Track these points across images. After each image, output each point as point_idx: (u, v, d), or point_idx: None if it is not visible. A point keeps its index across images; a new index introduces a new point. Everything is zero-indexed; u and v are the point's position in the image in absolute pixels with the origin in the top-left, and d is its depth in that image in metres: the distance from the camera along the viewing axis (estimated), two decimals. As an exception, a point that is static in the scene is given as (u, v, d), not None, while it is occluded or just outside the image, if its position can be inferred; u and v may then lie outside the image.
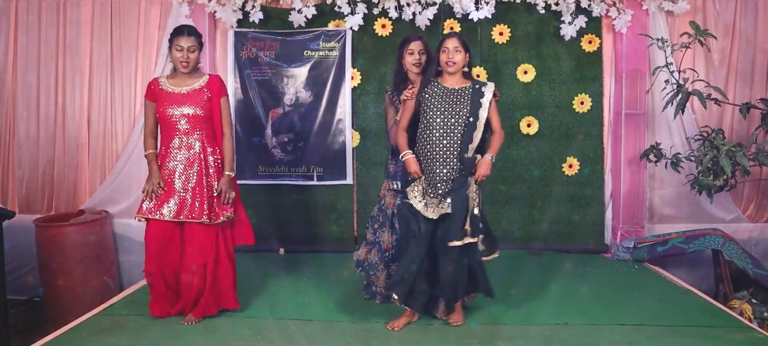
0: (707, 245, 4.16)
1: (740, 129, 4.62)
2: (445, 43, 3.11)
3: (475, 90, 3.10)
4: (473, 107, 3.06)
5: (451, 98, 3.07)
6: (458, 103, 3.06)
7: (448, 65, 3.08)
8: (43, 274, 4.24)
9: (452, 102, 3.06)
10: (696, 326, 3.14)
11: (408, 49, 3.33)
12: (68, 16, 4.67)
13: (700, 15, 4.62)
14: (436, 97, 3.08)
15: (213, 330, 3.12)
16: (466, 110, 3.05)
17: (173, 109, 3.20)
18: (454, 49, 3.07)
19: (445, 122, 3.04)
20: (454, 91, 3.09)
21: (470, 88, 3.10)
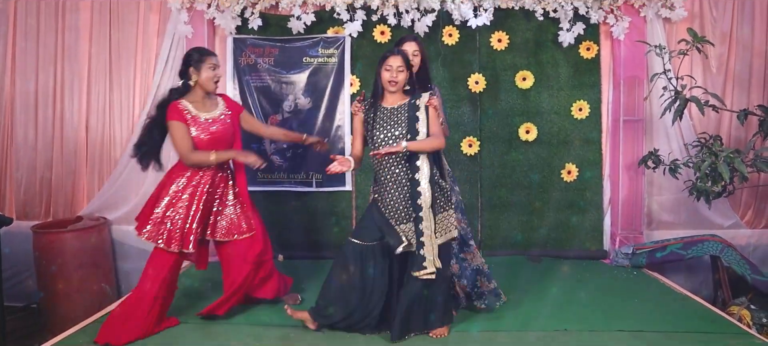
0: (706, 251, 4.17)
1: (738, 135, 4.63)
2: (388, 60, 2.99)
3: (411, 105, 3.00)
4: (409, 124, 2.96)
5: (391, 119, 3.01)
6: (396, 123, 2.98)
7: (390, 84, 2.99)
8: (41, 280, 4.23)
9: (392, 123, 2.99)
10: (695, 333, 3.14)
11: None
12: (67, 21, 4.68)
13: (697, 22, 4.64)
14: (378, 120, 3.02)
15: (213, 336, 3.11)
16: (403, 129, 2.96)
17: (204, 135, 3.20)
18: (398, 68, 2.97)
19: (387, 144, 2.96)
20: (393, 110, 3.02)
21: (406, 105, 3.01)
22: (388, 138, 2.97)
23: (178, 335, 3.13)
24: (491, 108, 4.69)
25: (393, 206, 2.98)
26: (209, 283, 4.03)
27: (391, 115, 3.02)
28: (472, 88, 4.66)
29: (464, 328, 3.22)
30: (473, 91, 4.66)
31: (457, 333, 3.16)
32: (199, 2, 4.47)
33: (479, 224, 4.73)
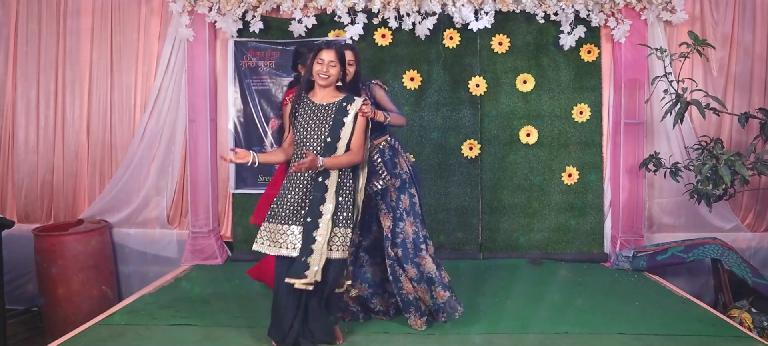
0: (706, 255, 4.16)
1: (739, 138, 4.63)
2: (321, 53, 2.85)
3: (340, 107, 2.85)
4: (333, 127, 2.84)
5: (316, 116, 2.88)
6: (321, 122, 2.86)
7: (321, 78, 2.85)
8: (42, 283, 4.23)
9: (316, 121, 2.87)
10: (695, 336, 3.13)
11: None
12: (68, 25, 4.69)
13: (698, 25, 4.64)
14: (303, 113, 2.89)
15: (214, 339, 3.11)
16: (325, 131, 2.83)
17: None
18: (330, 62, 2.84)
19: (306, 143, 2.86)
20: (321, 107, 2.88)
21: (335, 105, 2.87)
22: (310, 136, 2.86)
23: (179, 337, 3.13)
24: (492, 111, 4.69)
25: (292, 203, 2.84)
26: (210, 285, 4.04)
27: (318, 111, 2.88)
28: (472, 91, 4.66)
29: (464, 330, 3.22)
30: (474, 94, 4.67)
31: (457, 336, 3.15)
32: (201, 5, 4.48)
33: (480, 226, 4.73)
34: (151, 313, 3.48)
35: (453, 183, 4.70)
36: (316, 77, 2.87)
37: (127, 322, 3.34)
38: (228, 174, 4.76)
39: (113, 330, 3.22)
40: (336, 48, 2.87)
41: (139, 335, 3.16)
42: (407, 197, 3.23)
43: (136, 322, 3.34)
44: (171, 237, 4.75)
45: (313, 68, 2.86)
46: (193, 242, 4.62)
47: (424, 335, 3.17)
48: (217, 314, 3.47)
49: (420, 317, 3.19)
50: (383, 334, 3.19)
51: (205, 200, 4.65)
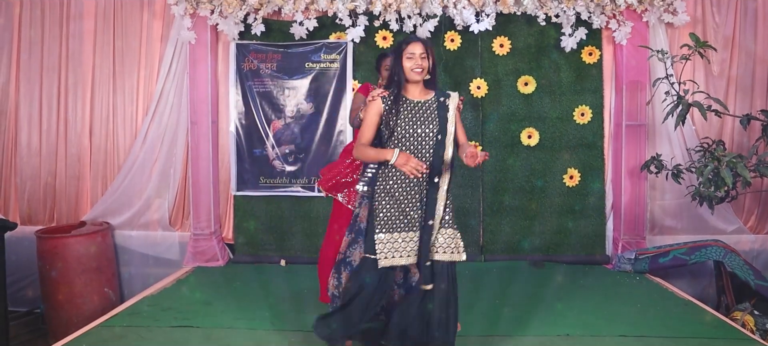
0: (709, 257, 4.15)
1: (741, 140, 4.62)
2: (408, 48, 2.73)
3: (440, 103, 2.78)
4: (441, 122, 2.75)
5: (420, 114, 2.76)
6: (427, 119, 2.75)
7: (414, 73, 2.72)
8: (44, 285, 4.24)
9: (422, 118, 2.75)
10: (698, 338, 3.13)
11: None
12: (71, 28, 4.71)
13: (700, 27, 4.64)
14: (404, 113, 2.74)
15: (216, 340, 3.12)
16: (435, 126, 2.73)
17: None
18: (421, 54, 2.72)
19: (414, 142, 2.72)
20: (420, 104, 2.77)
21: (433, 101, 2.78)
22: (419, 134, 2.72)
23: (180, 339, 3.14)
24: (493, 113, 4.69)
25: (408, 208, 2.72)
26: (212, 287, 4.05)
27: (419, 109, 2.76)
28: (474, 93, 4.67)
29: (465, 332, 3.22)
30: (475, 96, 4.67)
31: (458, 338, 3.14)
32: (203, 8, 4.49)
33: (481, 228, 4.73)
34: (153, 315, 3.48)
35: (454, 185, 4.64)
36: (408, 73, 2.74)
37: (128, 324, 3.35)
38: (229, 176, 4.77)
39: (115, 332, 3.23)
40: (422, 40, 2.78)
41: (140, 336, 3.17)
42: None
43: (138, 324, 3.34)
44: (173, 239, 4.77)
45: (404, 65, 2.73)
46: (194, 244, 4.63)
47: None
48: (219, 316, 3.48)
49: None
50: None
51: (206, 202, 4.66)
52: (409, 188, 2.74)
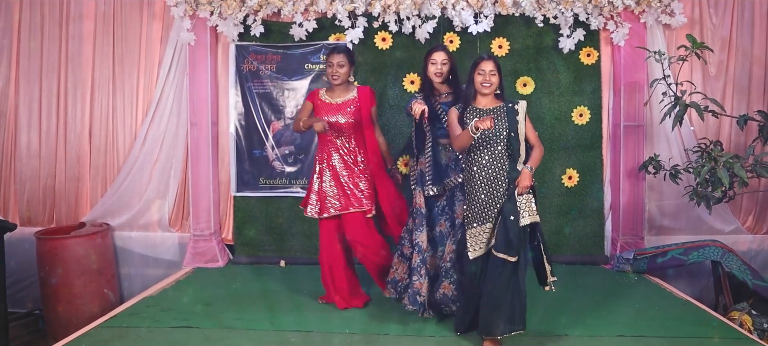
0: (706, 257, 4.17)
1: (738, 141, 4.64)
2: (481, 65, 3.11)
3: (509, 109, 3.12)
4: (511, 124, 3.08)
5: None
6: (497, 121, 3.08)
7: (483, 87, 3.10)
8: (44, 287, 4.25)
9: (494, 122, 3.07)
10: (696, 338, 3.14)
11: (430, 59, 3.40)
12: (71, 30, 4.72)
13: (697, 28, 4.66)
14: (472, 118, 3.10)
15: (215, 341, 3.13)
16: (505, 128, 3.07)
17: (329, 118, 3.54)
18: (490, 72, 3.09)
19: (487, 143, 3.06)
20: (489, 112, 3.11)
21: (503, 109, 3.12)
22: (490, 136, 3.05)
23: (180, 339, 3.14)
24: (492, 114, 4.70)
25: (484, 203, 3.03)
26: (212, 288, 4.05)
27: (488, 114, 3.09)
28: (472, 95, 4.68)
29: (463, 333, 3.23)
30: (474, 97, 4.68)
31: (458, 337, 3.16)
32: (202, 10, 4.50)
33: (480, 229, 4.74)
34: (153, 316, 3.49)
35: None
36: (479, 88, 3.10)
37: (128, 324, 3.36)
38: (229, 177, 4.78)
39: (115, 333, 3.24)
40: (493, 58, 3.13)
41: (140, 337, 3.18)
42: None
43: (138, 324, 3.35)
44: (172, 240, 4.78)
45: (476, 79, 3.11)
46: (194, 244, 4.64)
47: (423, 336, 3.18)
48: (218, 317, 3.48)
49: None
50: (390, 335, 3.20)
51: (206, 203, 4.67)
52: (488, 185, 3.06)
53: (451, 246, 3.30)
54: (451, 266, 3.28)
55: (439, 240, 3.39)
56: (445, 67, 3.38)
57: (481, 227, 3.03)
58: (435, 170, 3.37)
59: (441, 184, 3.36)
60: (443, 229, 3.38)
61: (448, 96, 3.44)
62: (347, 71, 3.58)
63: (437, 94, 3.45)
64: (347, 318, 3.47)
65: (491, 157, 3.04)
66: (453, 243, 3.29)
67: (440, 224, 3.38)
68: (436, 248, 3.38)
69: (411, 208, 3.48)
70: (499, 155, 3.04)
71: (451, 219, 3.37)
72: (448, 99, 3.42)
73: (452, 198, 3.37)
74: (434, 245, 3.38)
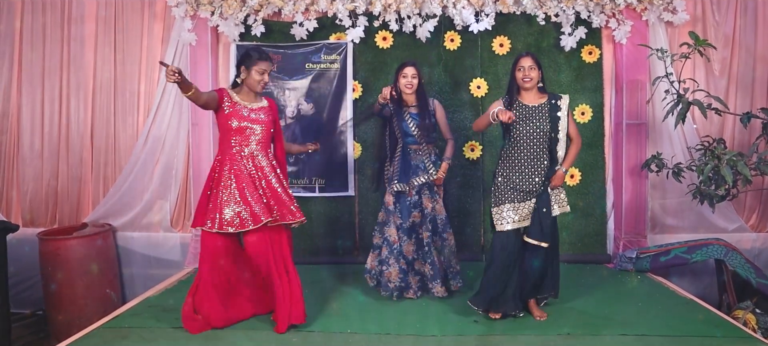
0: (710, 255, 4.15)
1: (741, 139, 4.62)
2: (520, 62, 3.37)
3: (552, 105, 3.35)
4: (552, 121, 3.34)
5: (533, 115, 3.36)
6: (539, 119, 3.34)
7: (524, 82, 3.35)
8: (47, 287, 4.26)
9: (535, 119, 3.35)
10: (699, 337, 3.12)
11: (402, 73, 3.77)
12: (72, 31, 4.73)
13: (699, 25, 4.64)
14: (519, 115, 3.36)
15: (217, 341, 3.12)
16: (546, 125, 3.33)
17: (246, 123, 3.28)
18: (529, 66, 3.34)
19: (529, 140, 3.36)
20: (533, 108, 3.36)
21: (546, 105, 3.36)
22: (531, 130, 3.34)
23: (182, 339, 3.14)
24: (494, 113, 4.69)
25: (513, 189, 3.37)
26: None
27: (532, 112, 3.36)
28: (474, 93, 4.67)
29: (466, 331, 3.22)
30: (475, 95, 4.67)
31: (459, 337, 3.16)
32: (203, 10, 4.50)
33: (482, 228, 4.73)
34: (155, 316, 3.49)
35: (454, 185, 4.69)
36: (520, 83, 3.38)
37: (130, 325, 3.36)
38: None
39: (117, 333, 3.24)
40: (531, 54, 3.41)
41: (142, 337, 3.17)
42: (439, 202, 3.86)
43: (140, 325, 3.35)
44: (174, 240, 4.78)
45: (516, 76, 3.39)
46: (196, 245, 4.64)
47: (424, 336, 3.18)
48: (220, 317, 3.47)
49: (441, 285, 3.76)
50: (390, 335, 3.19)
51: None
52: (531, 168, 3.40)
53: (426, 233, 3.75)
54: (428, 249, 3.75)
55: (411, 230, 3.78)
56: (415, 81, 3.76)
57: (506, 205, 3.36)
58: (402, 171, 3.79)
59: (407, 182, 3.75)
60: (416, 220, 3.79)
61: (415, 108, 3.80)
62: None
63: (406, 105, 3.81)
64: (347, 317, 3.46)
65: (530, 152, 3.35)
66: (426, 230, 3.75)
67: (413, 216, 3.77)
68: (410, 235, 3.78)
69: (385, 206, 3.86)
70: (538, 151, 3.34)
71: (421, 210, 3.79)
72: (415, 111, 3.80)
73: (420, 193, 3.79)
74: (409, 233, 3.77)
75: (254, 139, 3.29)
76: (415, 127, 3.77)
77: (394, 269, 3.75)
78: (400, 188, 3.75)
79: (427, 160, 3.80)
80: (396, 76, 3.81)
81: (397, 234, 3.77)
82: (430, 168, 3.79)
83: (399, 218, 3.78)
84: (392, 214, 3.79)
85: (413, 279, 3.81)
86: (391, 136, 3.92)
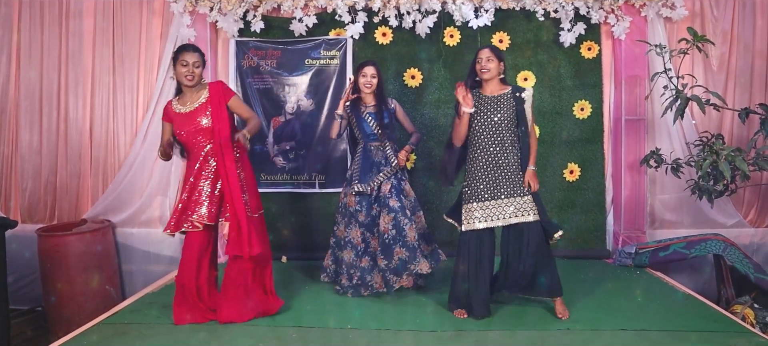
0: (709, 250, 4.16)
1: (740, 134, 4.63)
2: (478, 54, 3.34)
3: (517, 98, 3.31)
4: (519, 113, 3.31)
5: (493, 105, 3.32)
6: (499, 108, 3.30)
7: (482, 73, 3.31)
8: (46, 283, 4.25)
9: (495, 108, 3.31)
10: (698, 332, 3.13)
11: (361, 72, 3.82)
12: (71, 27, 4.71)
13: (698, 21, 4.64)
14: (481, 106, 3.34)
15: (217, 337, 3.12)
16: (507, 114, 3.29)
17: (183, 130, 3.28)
18: (487, 58, 3.30)
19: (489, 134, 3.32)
20: (493, 99, 3.32)
21: (509, 95, 3.32)
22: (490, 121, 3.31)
23: (181, 335, 3.14)
24: (493, 109, 4.69)
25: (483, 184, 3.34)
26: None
27: (493, 102, 3.34)
28: (473, 89, 4.67)
29: (466, 327, 3.23)
30: (475, 91, 4.67)
31: (459, 332, 3.16)
32: (202, 5, 4.49)
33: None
34: (154, 312, 3.49)
35: (456, 181, 4.68)
36: (480, 75, 3.35)
37: (130, 321, 3.36)
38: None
39: (116, 329, 3.24)
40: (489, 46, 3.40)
41: (142, 333, 3.18)
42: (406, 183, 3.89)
43: (139, 321, 3.35)
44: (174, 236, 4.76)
45: (476, 68, 3.35)
46: (195, 241, 4.63)
47: (426, 331, 3.19)
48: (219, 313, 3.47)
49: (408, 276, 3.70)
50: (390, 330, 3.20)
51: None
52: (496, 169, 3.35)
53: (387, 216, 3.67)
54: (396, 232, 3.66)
55: (373, 225, 3.78)
56: (374, 80, 3.82)
57: (477, 203, 3.32)
58: (362, 171, 3.80)
59: (367, 182, 3.76)
60: (374, 211, 3.78)
61: (373, 107, 3.84)
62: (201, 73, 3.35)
63: (364, 104, 3.87)
64: (346, 314, 3.47)
65: (494, 144, 3.30)
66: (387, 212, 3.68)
67: (373, 208, 3.78)
68: (373, 231, 3.77)
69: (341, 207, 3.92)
70: (503, 142, 3.29)
71: (381, 204, 3.74)
72: (373, 110, 3.84)
73: (379, 188, 3.78)
74: (371, 229, 3.77)
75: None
76: (376, 126, 3.80)
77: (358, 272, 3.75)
78: (362, 188, 3.76)
79: (390, 151, 3.83)
80: (355, 76, 3.86)
81: (361, 234, 3.77)
82: (391, 158, 3.81)
83: (363, 216, 3.77)
84: (355, 214, 3.78)
85: (377, 276, 3.76)
86: (351, 138, 4.01)
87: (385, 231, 3.65)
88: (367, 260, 3.76)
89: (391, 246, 3.63)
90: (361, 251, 3.77)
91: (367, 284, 3.75)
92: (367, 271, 3.75)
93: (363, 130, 3.84)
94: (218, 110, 3.28)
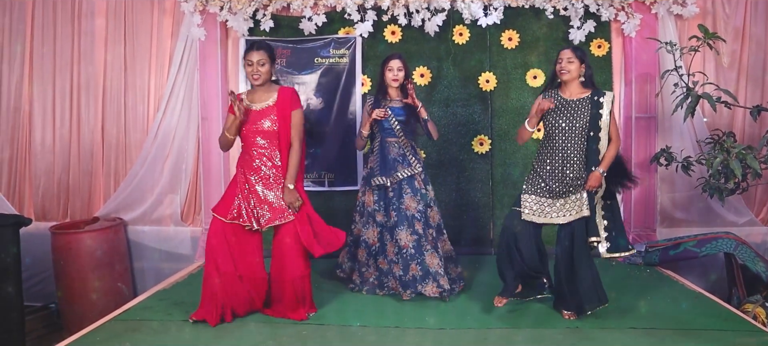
0: (719, 249, 4.13)
1: (751, 132, 4.59)
2: (559, 55, 3.29)
3: (594, 102, 3.23)
4: (592, 120, 3.22)
5: (571, 110, 3.26)
6: (578, 115, 3.24)
7: (561, 74, 3.27)
8: (59, 280, 4.30)
9: (573, 114, 3.25)
10: (708, 330, 3.12)
11: (387, 66, 3.72)
12: (83, 26, 4.76)
13: (709, 18, 4.61)
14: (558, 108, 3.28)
15: (228, 333, 3.15)
16: (585, 122, 3.22)
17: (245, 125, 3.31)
18: (568, 59, 3.25)
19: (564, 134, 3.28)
20: (572, 102, 3.26)
21: (588, 100, 3.25)
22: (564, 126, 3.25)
23: (193, 332, 3.17)
24: (502, 106, 4.69)
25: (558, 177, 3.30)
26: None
27: (570, 106, 3.27)
28: (483, 87, 4.67)
29: (477, 325, 3.23)
30: (484, 89, 4.67)
31: (470, 330, 3.17)
32: (212, 5, 4.52)
33: (492, 222, 4.73)
34: (166, 309, 3.52)
35: (464, 179, 4.70)
36: (559, 75, 3.29)
37: (141, 318, 3.39)
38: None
39: (128, 326, 3.26)
40: (572, 47, 3.36)
41: (153, 330, 3.20)
42: (432, 189, 3.82)
43: (151, 318, 3.38)
44: (185, 234, 4.81)
45: (556, 68, 3.31)
46: (205, 238, 4.66)
47: (425, 328, 3.20)
48: (230, 310, 3.50)
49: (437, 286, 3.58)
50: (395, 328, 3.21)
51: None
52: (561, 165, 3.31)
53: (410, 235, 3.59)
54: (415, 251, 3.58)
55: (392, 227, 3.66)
56: (401, 74, 3.72)
57: (532, 196, 3.34)
58: (382, 165, 3.71)
59: (388, 176, 3.67)
60: (393, 219, 3.66)
61: (399, 102, 3.75)
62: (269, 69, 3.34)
63: (389, 98, 3.77)
64: (348, 312, 3.48)
65: (563, 147, 3.26)
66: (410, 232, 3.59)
67: (390, 214, 3.68)
68: (393, 233, 3.65)
69: (359, 205, 3.86)
70: (573, 146, 3.24)
71: (398, 210, 3.65)
72: (398, 104, 3.74)
73: (400, 191, 3.68)
74: (391, 231, 3.66)
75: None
76: (395, 121, 3.70)
77: (373, 269, 3.77)
78: (382, 181, 3.67)
79: (409, 153, 3.73)
80: (381, 69, 3.77)
81: (375, 235, 3.73)
82: (412, 161, 3.71)
83: (381, 215, 3.72)
84: (372, 214, 3.74)
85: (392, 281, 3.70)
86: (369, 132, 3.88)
87: (405, 246, 3.59)
88: (385, 262, 3.71)
89: (408, 262, 3.58)
90: (375, 251, 3.74)
91: (383, 285, 3.73)
92: (384, 273, 3.72)
93: (381, 124, 3.74)
94: (283, 117, 3.30)
